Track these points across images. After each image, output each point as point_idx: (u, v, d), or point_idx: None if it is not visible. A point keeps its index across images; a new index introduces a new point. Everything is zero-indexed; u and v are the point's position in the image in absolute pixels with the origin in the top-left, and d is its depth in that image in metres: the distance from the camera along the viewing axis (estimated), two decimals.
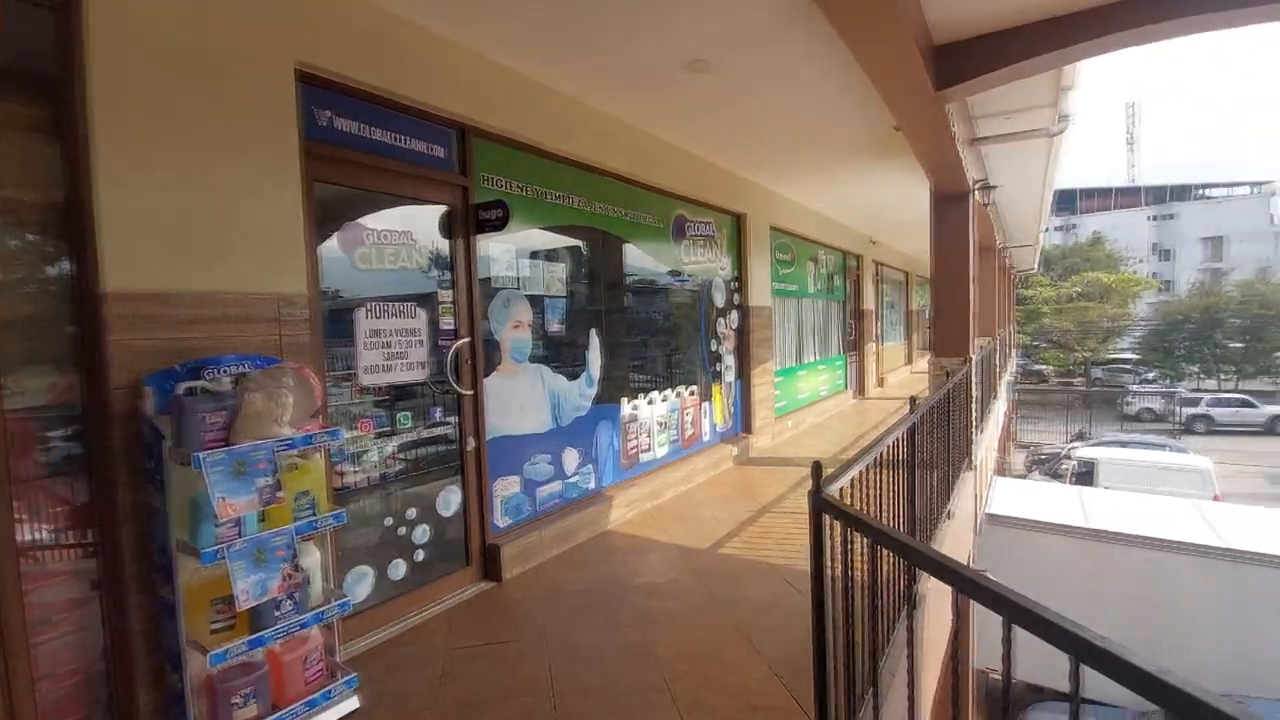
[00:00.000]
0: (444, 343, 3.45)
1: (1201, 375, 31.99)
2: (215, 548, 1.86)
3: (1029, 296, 33.27)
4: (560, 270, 4.42)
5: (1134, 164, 60.15)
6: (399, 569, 3.20)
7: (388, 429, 3.20)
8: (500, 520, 3.81)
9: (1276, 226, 46.66)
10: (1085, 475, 14.21)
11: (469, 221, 3.57)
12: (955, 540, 4.44)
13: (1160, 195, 51.79)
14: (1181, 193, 51.49)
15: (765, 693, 2.47)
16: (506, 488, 3.88)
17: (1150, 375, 33.22)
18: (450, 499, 3.50)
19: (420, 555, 3.31)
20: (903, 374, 15.09)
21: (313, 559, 2.22)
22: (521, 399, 4.02)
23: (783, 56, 3.71)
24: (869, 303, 11.98)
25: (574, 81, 4.05)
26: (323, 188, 2.84)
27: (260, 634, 1.98)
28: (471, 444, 3.58)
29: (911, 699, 1.59)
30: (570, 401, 4.46)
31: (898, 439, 2.30)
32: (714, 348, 6.44)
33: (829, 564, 1.52)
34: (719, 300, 6.51)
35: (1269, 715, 6.07)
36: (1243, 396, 26.93)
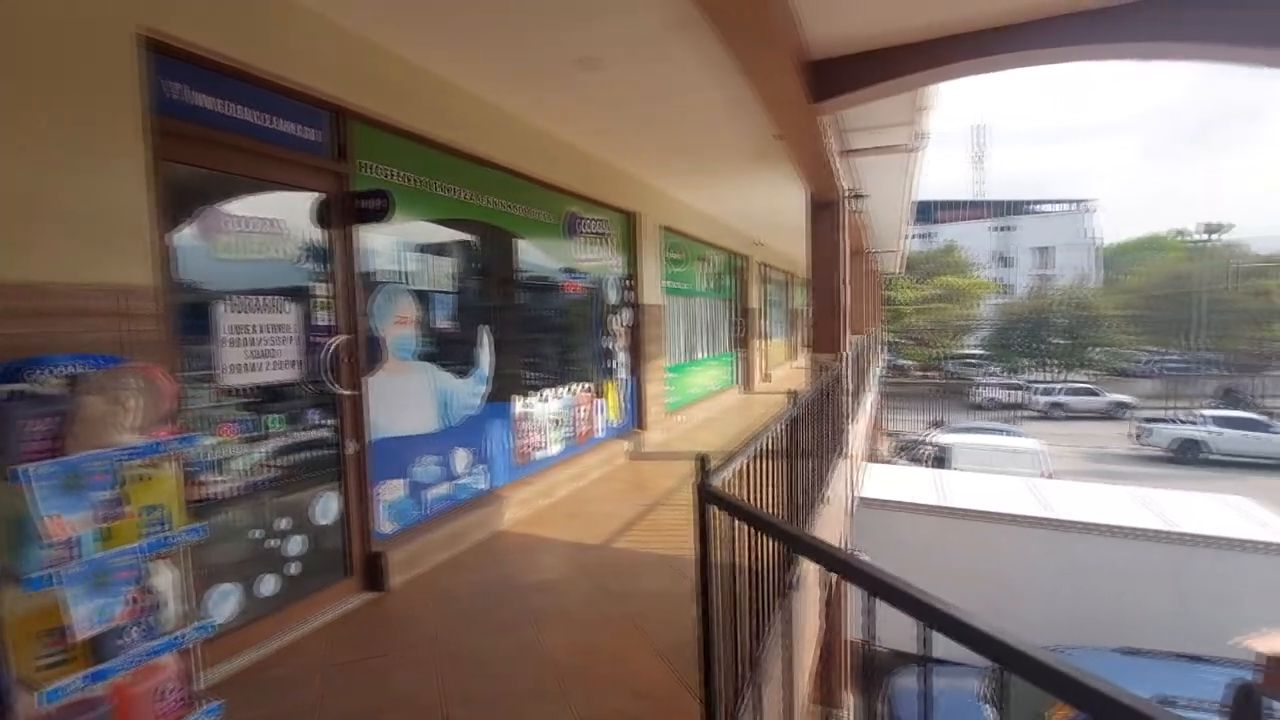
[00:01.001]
0: (320, 340, 3.24)
1: (1033, 368, 36.38)
2: (43, 572, 1.63)
3: (894, 298, 36.34)
4: (449, 265, 4.28)
5: (980, 180, 67.23)
6: (270, 584, 2.97)
7: (256, 433, 2.95)
8: (385, 526, 3.63)
9: (1090, 239, 54.14)
10: (941, 459, 15.77)
11: (348, 211, 3.37)
12: (831, 523, 4.78)
13: (1001, 209, 58.34)
14: (1018, 207, 58.31)
15: (655, 680, 2.54)
16: (392, 492, 3.70)
17: (994, 369, 37.34)
18: (328, 506, 3.29)
19: (294, 568, 3.09)
20: (787, 369, 15.97)
21: (166, 579, 2.01)
22: (408, 398, 3.85)
23: (672, 61, 3.81)
24: (755, 301, 12.56)
25: (461, 71, 3.93)
26: (174, 168, 2.56)
27: (102, 666, 1.77)
28: (353, 447, 3.38)
29: (790, 675, 1.70)
30: (460, 400, 4.33)
31: (778, 430, 2.45)
32: (607, 345, 6.49)
33: (714, 552, 1.59)
34: (612, 298, 6.57)
35: (1087, 660, 7.06)
36: (1088, 386, 31.07)
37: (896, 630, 1.38)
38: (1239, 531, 8.01)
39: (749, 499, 1.97)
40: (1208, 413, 22.52)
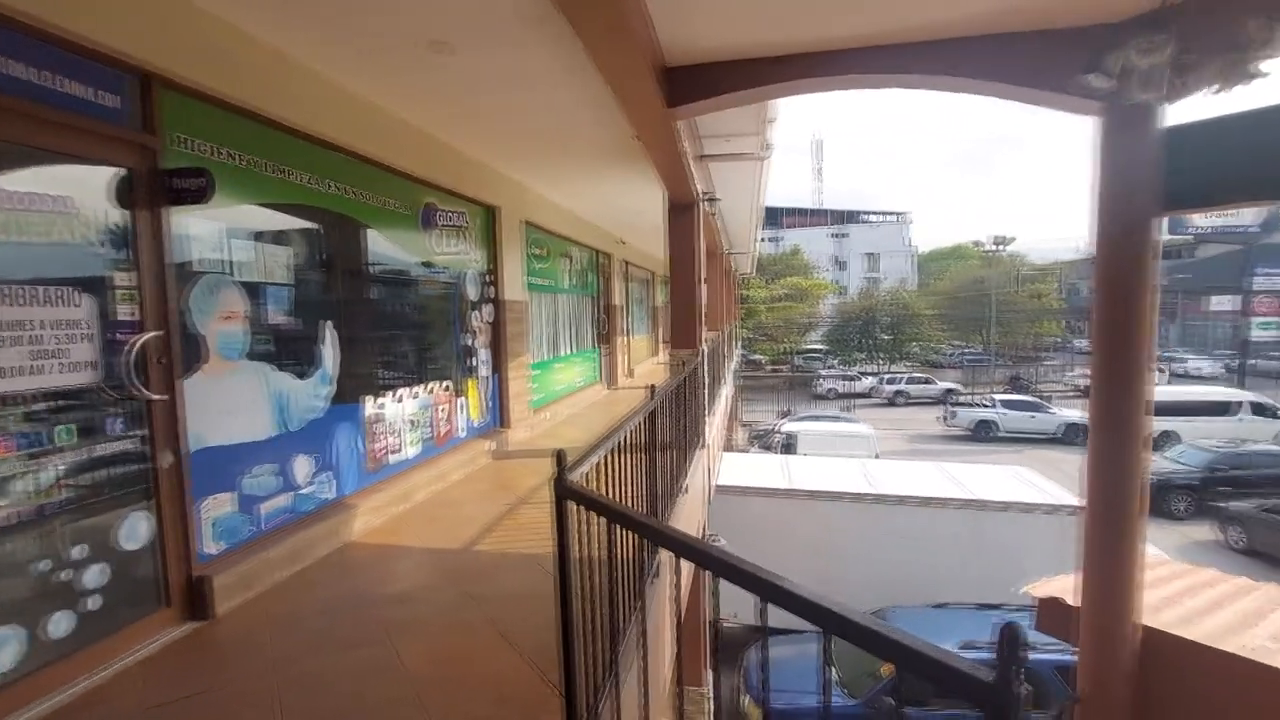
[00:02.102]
0: (123, 338, 2.81)
1: (865, 361, 40.50)
2: None
3: (748, 296, 38.69)
4: (285, 255, 3.89)
5: (820, 190, 73.48)
6: (62, 623, 2.53)
7: (42, 448, 2.50)
8: (210, 547, 3.24)
9: (908, 247, 61.39)
10: (789, 446, 17.08)
11: (158, 190, 2.95)
12: (691, 512, 5.00)
13: (838, 217, 64.27)
14: (851, 216, 64.59)
15: (518, 681, 2.51)
16: (217, 508, 3.31)
17: (834, 362, 41.07)
18: (136, 528, 2.87)
19: (94, 602, 2.66)
20: (650, 365, 16.41)
21: None
22: (236, 402, 3.46)
23: (529, 54, 3.75)
24: (618, 299, 12.77)
25: (301, 44, 3.60)
26: None
27: None
28: (167, 459, 2.97)
29: (648, 662, 1.76)
30: (301, 402, 3.97)
31: (637, 424, 2.52)
32: (468, 342, 6.28)
33: (573, 548, 1.61)
34: (472, 293, 6.36)
35: (905, 617, 8.04)
36: (926, 375, 35.03)
37: (748, 605, 1.48)
38: (1023, 496, 9.51)
39: (608, 493, 2.01)
40: (998, 397, 26.41)
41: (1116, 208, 3.74)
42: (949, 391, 31.61)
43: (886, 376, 35.14)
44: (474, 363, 6.40)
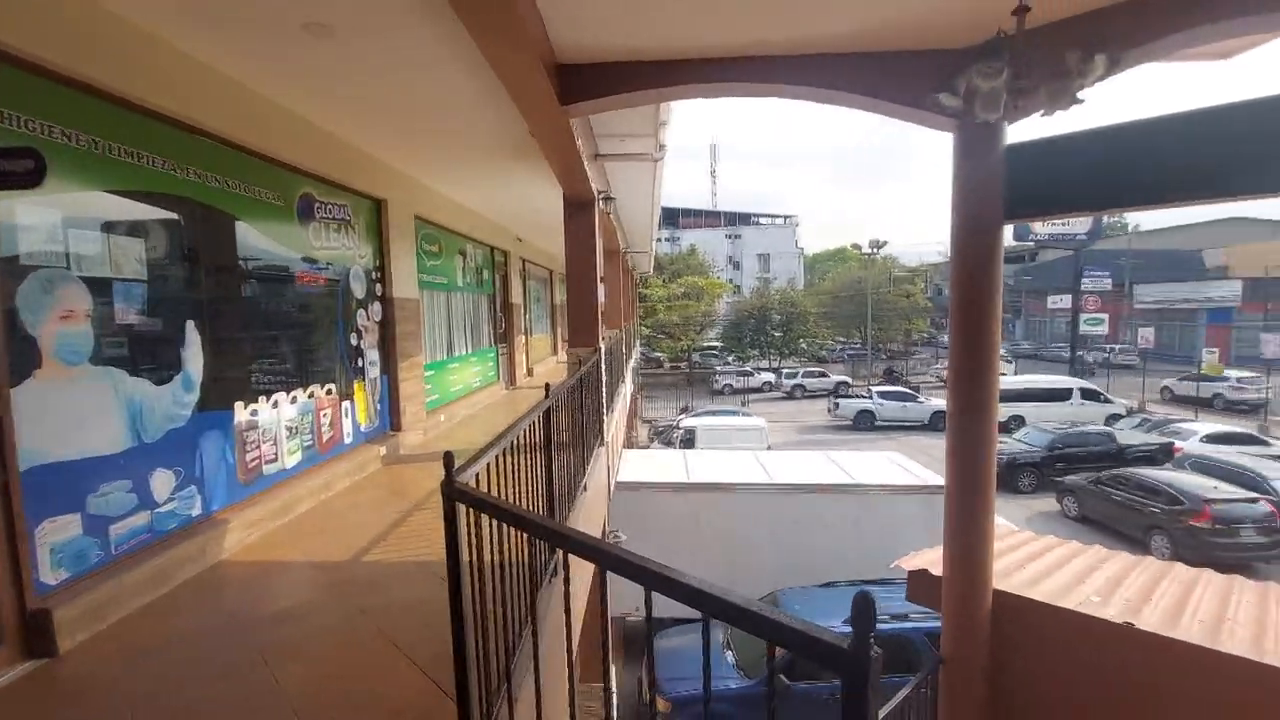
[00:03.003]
0: None
1: (759, 357, 42.33)
2: None
3: (647, 295, 39.27)
4: (138, 248, 3.51)
5: (715, 192, 75.97)
6: None
7: None
8: (50, 576, 2.87)
9: (797, 249, 64.85)
10: (689, 440, 17.54)
11: None
12: (592, 510, 5.03)
13: (732, 219, 66.69)
14: (745, 219, 67.24)
15: (412, 694, 2.43)
16: (60, 531, 2.94)
17: (730, 358, 42.59)
18: None
19: None
20: (550, 364, 16.27)
21: None
22: (80, 412, 3.08)
23: (417, 44, 3.62)
24: (517, 297, 12.56)
25: (153, 13, 3.25)
26: None
27: None
28: None
29: (545, 664, 1.77)
30: (159, 411, 3.60)
31: (533, 423, 2.51)
32: (354, 342, 5.95)
33: (465, 552, 1.58)
34: (359, 291, 6.03)
35: (797, 598, 8.52)
36: (822, 369, 36.90)
37: (656, 599, 1.51)
38: (897, 479, 10.33)
39: (504, 495, 1.99)
40: (875, 388, 28.50)
41: (969, 215, 4.17)
42: (842, 384, 33.74)
43: (786, 371, 36.93)
44: (361, 364, 6.07)
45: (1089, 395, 24.10)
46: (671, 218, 62.26)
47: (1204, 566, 5.42)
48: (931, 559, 5.14)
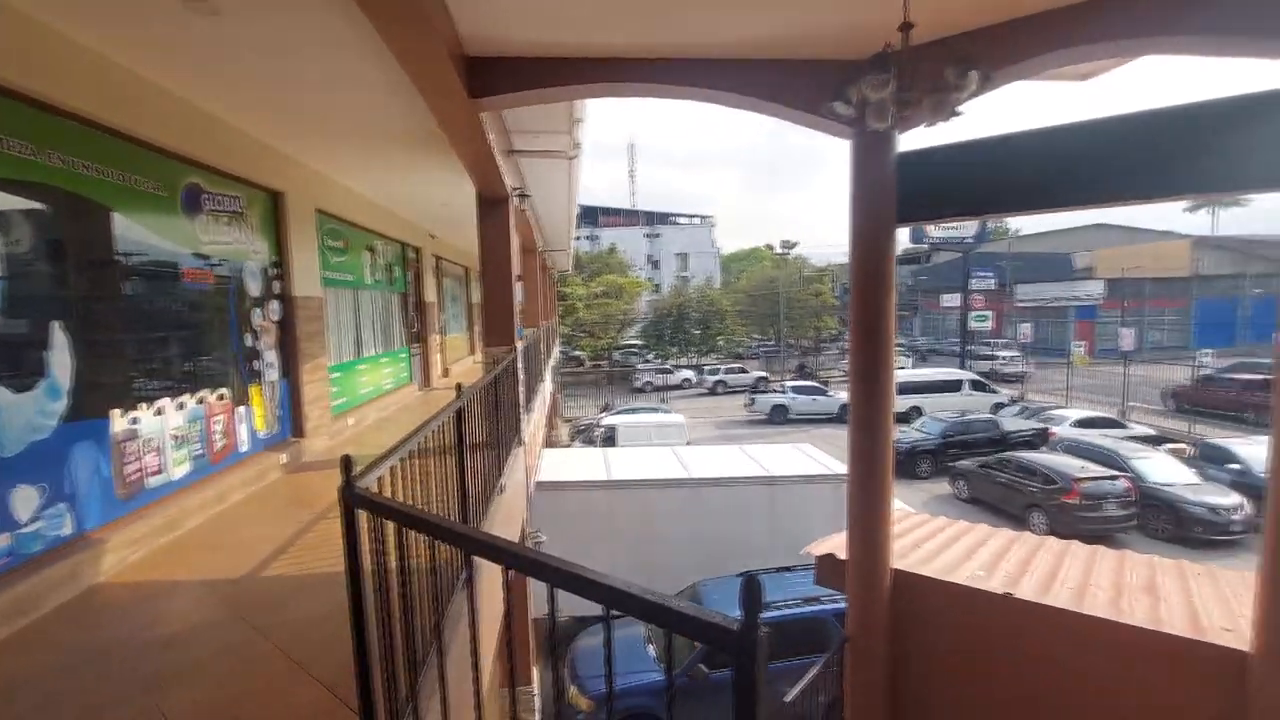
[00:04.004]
0: None
1: (679, 354, 43.03)
2: None
3: (568, 293, 39.01)
4: None
5: (634, 191, 76.55)
6: None
7: None
8: None
9: (714, 248, 66.42)
10: (610, 438, 17.60)
11: None
12: (510, 511, 4.96)
13: (651, 218, 67.37)
14: (663, 218, 68.09)
15: (313, 710, 2.32)
16: None
17: (650, 356, 43.05)
18: None
19: None
20: (467, 364, 15.86)
21: None
22: None
23: (313, 23, 3.42)
24: (431, 295, 12.16)
25: None
26: None
27: None
28: None
29: (443, 669, 1.74)
30: (19, 421, 3.24)
31: (443, 425, 2.45)
32: (250, 343, 5.58)
33: (367, 561, 1.53)
34: (254, 289, 5.65)
35: (716, 588, 8.75)
36: (742, 366, 37.72)
37: (572, 597, 1.50)
38: (807, 469, 10.82)
39: (413, 499, 1.94)
40: (788, 384, 29.67)
41: (865, 218, 4.43)
42: (761, 379, 34.84)
43: (708, 368, 37.73)
44: (258, 366, 5.70)
45: (977, 386, 26.12)
46: (590, 216, 62.15)
47: (1073, 539, 6.03)
48: (837, 543, 5.42)
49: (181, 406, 4.61)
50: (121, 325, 4.05)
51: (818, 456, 11.70)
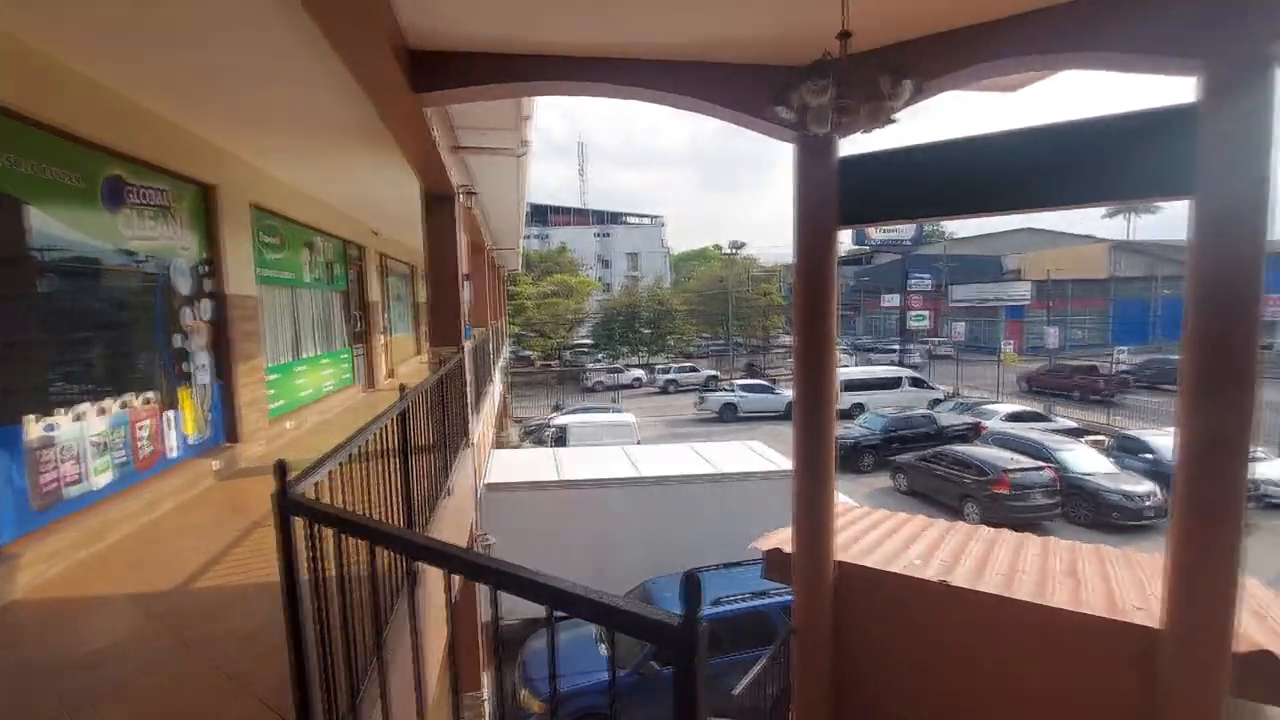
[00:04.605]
0: None
1: (630, 354, 43.15)
2: None
3: (518, 293, 38.56)
4: None
5: (584, 190, 76.33)
6: None
7: None
8: None
9: (664, 248, 66.85)
10: (560, 439, 17.50)
11: None
12: (458, 513, 4.89)
13: (602, 218, 67.28)
14: (613, 217, 68.10)
15: None
16: None
17: (601, 356, 43.00)
18: None
19: None
20: (414, 364, 15.48)
21: None
22: None
23: (244, 8, 3.29)
24: (375, 294, 11.81)
25: None
26: None
27: None
28: None
29: (383, 676, 1.71)
30: None
31: (386, 427, 2.40)
32: (179, 344, 5.30)
33: (303, 569, 1.49)
34: (183, 287, 5.38)
35: (665, 586, 8.82)
36: (693, 365, 37.98)
37: (521, 601, 1.49)
38: (755, 466, 11.03)
39: (354, 504, 1.90)
40: (737, 382, 30.17)
41: (809, 220, 4.56)
42: (712, 378, 35.27)
43: (659, 367, 37.94)
44: (189, 368, 5.43)
45: (916, 383, 27.19)
46: (540, 215, 61.61)
47: (1003, 527, 6.36)
48: (783, 538, 5.56)
49: (103, 411, 4.35)
50: (36, 326, 3.79)
51: (766, 453, 11.93)
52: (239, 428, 6.07)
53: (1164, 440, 15.42)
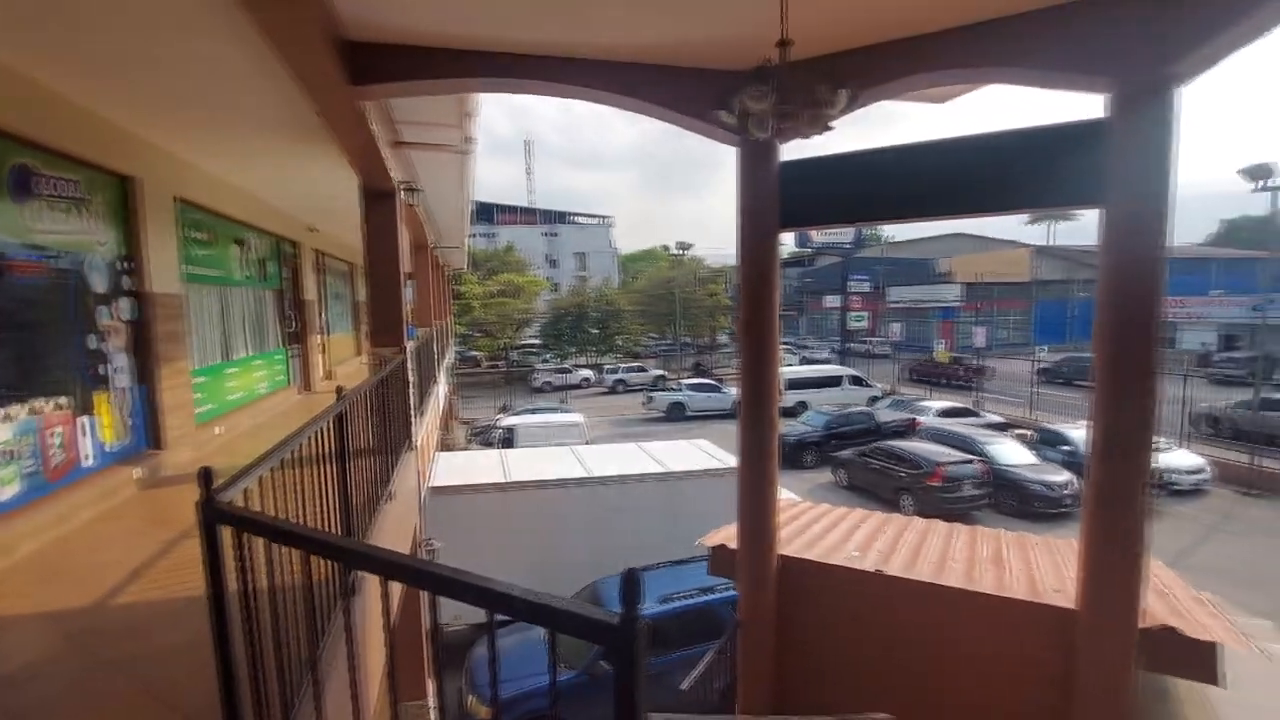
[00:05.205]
0: None
1: (578, 354, 42.96)
2: None
3: (464, 292, 37.81)
4: None
5: (532, 189, 75.50)
6: None
7: None
8: None
9: (612, 249, 66.90)
10: (508, 440, 17.28)
11: None
12: (400, 519, 4.77)
13: (549, 217, 66.72)
14: (561, 217, 67.64)
15: None
16: None
17: (549, 356, 42.65)
18: None
19: None
20: (354, 365, 14.96)
21: None
22: None
23: None
24: (311, 293, 11.37)
25: None
26: None
27: None
28: None
29: (318, 689, 1.68)
30: None
31: (321, 430, 2.33)
32: (95, 345, 4.98)
33: (232, 581, 1.44)
34: (100, 284, 5.05)
35: (614, 586, 8.85)
36: (641, 364, 38.06)
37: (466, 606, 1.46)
38: (702, 464, 11.18)
39: (287, 512, 1.83)
40: (685, 382, 30.50)
41: (752, 223, 4.67)
42: (660, 378, 35.47)
43: (608, 367, 37.93)
44: (106, 371, 5.10)
45: (855, 381, 28.11)
46: (487, 213, 60.57)
47: (935, 518, 6.67)
48: (729, 534, 5.67)
49: (8, 418, 4.04)
50: None
51: (713, 451, 12.10)
52: (163, 434, 5.74)
53: (1080, 433, 16.46)
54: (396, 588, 3.88)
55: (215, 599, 1.37)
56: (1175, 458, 15.92)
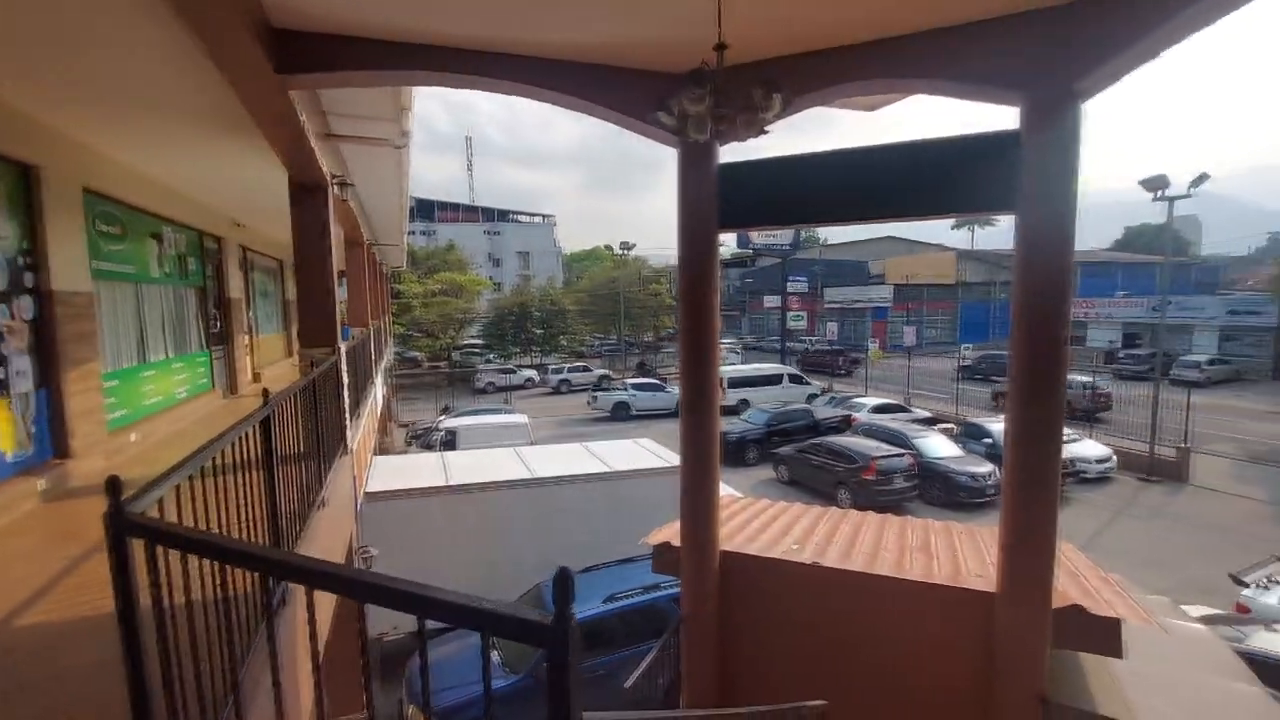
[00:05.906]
0: None
1: (522, 354, 42.45)
2: None
3: (403, 291, 36.70)
4: None
5: (473, 186, 74.00)
6: None
7: None
8: None
9: (556, 248, 66.40)
10: (450, 442, 16.90)
11: None
12: (334, 526, 4.61)
13: (491, 215, 65.63)
14: (504, 215, 66.66)
15: None
16: None
17: (492, 356, 41.95)
18: None
19: None
20: (284, 367, 14.29)
21: None
22: None
23: None
24: (236, 291, 10.80)
25: None
26: None
27: None
28: None
29: (237, 707, 1.61)
30: None
31: (245, 436, 2.23)
32: None
33: (155, 596, 1.36)
34: None
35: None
36: (585, 365, 37.74)
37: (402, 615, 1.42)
38: (646, 463, 11.24)
39: (207, 522, 1.75)
40: (630, 381, 30.60)
41: (691, 223, 4.74)
42: (604, 377, 35.42)
43: (553, 367, 37.60)
44: (5, 374, 4.71)
45: (795, 379, 28.89)
46: (427, 210, 59.05)
47: (869, 510, 6.93)
48: (673, 532, 5.74)
49: None
50: None
51: (658, 450, 12.19)
52: (70, 441, 5.34)
53: (999, 426, 17.44)
54: (325, 598, 3.76)
55: (126, 617, 1.29)
56: (1084, 447, 17.07)
